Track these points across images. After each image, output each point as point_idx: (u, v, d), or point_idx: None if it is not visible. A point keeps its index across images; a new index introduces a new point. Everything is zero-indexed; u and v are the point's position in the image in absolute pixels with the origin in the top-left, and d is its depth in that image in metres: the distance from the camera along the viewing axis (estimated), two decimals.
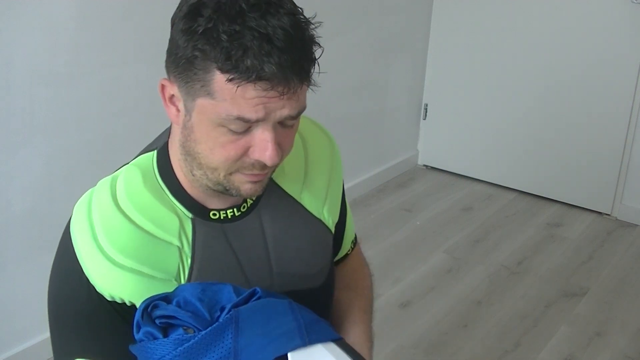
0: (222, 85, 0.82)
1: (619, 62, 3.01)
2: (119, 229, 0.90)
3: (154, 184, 0.95)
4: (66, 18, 1.92)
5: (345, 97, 3.06)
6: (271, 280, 1.02)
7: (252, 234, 1.01)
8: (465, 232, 3.03)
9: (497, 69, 3.35)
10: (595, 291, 2.61)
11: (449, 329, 2.37)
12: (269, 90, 0.81)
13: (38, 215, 1.99)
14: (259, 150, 0.86)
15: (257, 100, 0.82)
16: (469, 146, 3.55)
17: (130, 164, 0.98)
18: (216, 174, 0.90)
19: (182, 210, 0.95)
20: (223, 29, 0.80)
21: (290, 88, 0.82)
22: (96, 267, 0.90)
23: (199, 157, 0.89)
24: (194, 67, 0.83)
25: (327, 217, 1.08)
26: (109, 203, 0.92)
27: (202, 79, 0.83)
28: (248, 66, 0.79)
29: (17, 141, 1.89)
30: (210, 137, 0.86)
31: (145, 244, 0.91)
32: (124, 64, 2.09)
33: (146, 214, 0.92)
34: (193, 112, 0.86)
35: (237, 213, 0.99)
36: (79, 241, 0.91)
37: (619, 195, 3.16)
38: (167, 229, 0.93)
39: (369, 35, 3.11)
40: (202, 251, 0.95)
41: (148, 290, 0.90)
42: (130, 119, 2.15)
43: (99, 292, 0.90)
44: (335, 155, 1.12)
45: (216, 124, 0.85)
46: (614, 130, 3.09)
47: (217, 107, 0.83)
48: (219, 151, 0.87)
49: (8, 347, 2.02)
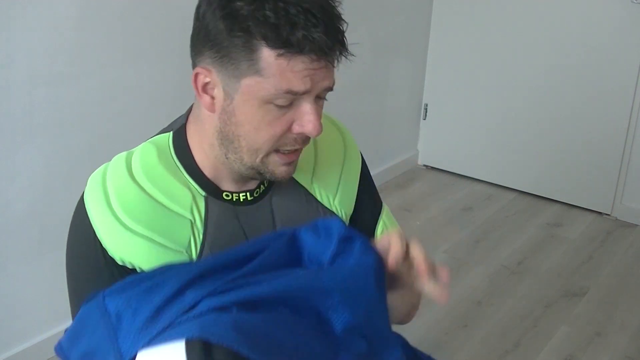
0: (270, 61, 0.86)
1: (619, 62, 3.01)
2: (133, 197, 0.94)
3: (169, 160, 0.99)
4: (66, 18, 1.92)
5: (345, 97, 3.06)
6: None
7: (263, 219, 1.03)
8: (465, 232, 3.03)
9: (497, 69, 3.35)
10: (595, 291, 2.61)
11: (449, 329, 2.37)
12: (315, 62, 0.87)
13: (38, 215, 1.99)
14: (305, 123, 0.91)
15: (305, 72, 0.87)
16: (469, 146, 3.55)
17: (146, 142, 1.02)
18: (254, 157, 0.94)
19: (195, 187, 0.98)
20: (268, 7, 0.85)
21: (334, 58, 0.89)
22: (109, 231, 0.93)
23: (240, 139, 0.93)
24: (239, 48, 0.87)
25: (339, 208, 1.10)
26: (123, 174, 0.96)
27: (249, 58, 0.87)
28: (299, 38, 0.85)
29: (17, 141, 1.89)
30: (255, 117, 0.90)
31: (157, 213, 0.94)
32: (124, 64, 2.09)
33: (159, 186, 0.95)
34: (236, 94, 0.90)
35: (249, 197, 1.02)
36: (93, 208, 0.94)
37: (619, 195, 3.16)
38: (179, 202, 0.96)
39: (369, 35, 3.11)
40: (214, 228, 0.98)
41: (159, 258, 0.93)
42: (130, 119, 2.15)
43: (111, 256, 0.93)
44: (349, 147, 1.14)
45: (264, 101, 0.89)
46: (614, 130, 3.09)
47: (266, 83, 0.88)
48: (265, 129, 0.91)
49: (8, 347, 2.02)
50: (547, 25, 3.16)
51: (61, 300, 1.11)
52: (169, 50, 2.18)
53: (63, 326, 2.08)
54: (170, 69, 2.19)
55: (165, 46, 2.18)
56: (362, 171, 1.15)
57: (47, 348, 2.09)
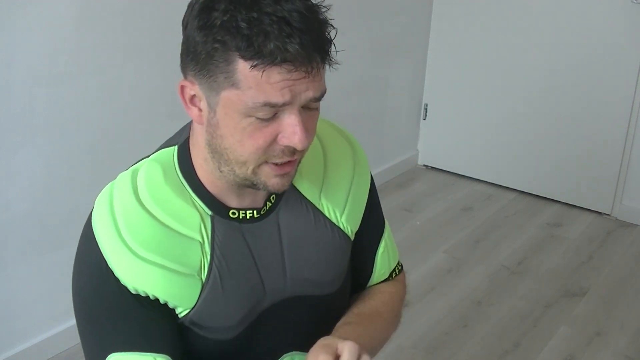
0: (246, 73, 0.83)
1: (619, 62, 3.01)
2: (142, 224, 0.92)
3: (175, 179, 0.96)
4: (66, 18, 1.92)
5: (345, 97, 3.06)
6: (284, 284, 1.03)
7: (269, 237, 1.01)
8: (465, 232, 3.03)
9: (497, 69, 3.35)
10: (595, 291, 2.61)
11: (449, 329, 2.36)
12: (292, 72, 0.83)
13: (38, 215, 1.99)
14: (289, 135, 0.87)
15: (282, 83, 0.83)
16: (469, 146, 3.55)
17: (150, 159, 0.99)
18: (244, 168, 0.90)
19: (201, 207, 0.96)
20: (241, 17, 0.82)
21: (313, 67, 0.84)
22: (120, 260, 0.91)
23: (227, 152, 0.90)
24: (215, 60, 0.84)
25: (346, 225, 1.07)
26: (130, 198, 0.93)
27: (225, 70, 0.84)
28: (271, 49, 0.81)
29: (17, 141, 1.89)
30: (237, 130, 0.87)
31: (167, 238, 0.92)
32: (124, 64, 2.09)
33: (167, 209, 0.93)
34: (217, 107, 0.87)
35: (256, 215, 0.99)
36: (102, 235, 0.92)
37: (618, 195, 3.16)
38: (188, 225, 0.94)
39: (369, 35, 3.11)
40: (220, 249, 0.96)
41: (171, 284, 0.92)
42: (130, 119, 2.15)
43: (124, 285, 0.91)
44: (359, 162, 1.11)
45: (243, 114, 0.86)
46: (614, 130, 3.09)
47: (243, 96, 0.84)
48: (248, 142, 0.88)
49: (8, 347, 2.02)
50: (547, 25, 3.16)
51: (61, 300, 1.11)
52: (169, 50, 2.17)
53: (63, 326, 2.09)
54: (170, 69, 2.17)
55: (165, 46, 2.17)
56: (370, 188, 1.13)
57: (47, 348, 2.09)
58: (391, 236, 1.19)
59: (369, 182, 1.13)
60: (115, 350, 0.91)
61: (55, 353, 2.10)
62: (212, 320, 0.97)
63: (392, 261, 1.18)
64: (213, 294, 0.96)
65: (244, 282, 0.98)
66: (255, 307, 1.00)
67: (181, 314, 0.95)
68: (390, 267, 1.17)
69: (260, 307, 1.01)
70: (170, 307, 0.94)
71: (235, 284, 0.97)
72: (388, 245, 1.16)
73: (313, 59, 0.83)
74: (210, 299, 0.96)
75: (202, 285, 0.95)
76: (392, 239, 1.19)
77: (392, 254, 1.18)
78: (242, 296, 0.98)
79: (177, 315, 0.96)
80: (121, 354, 0.91)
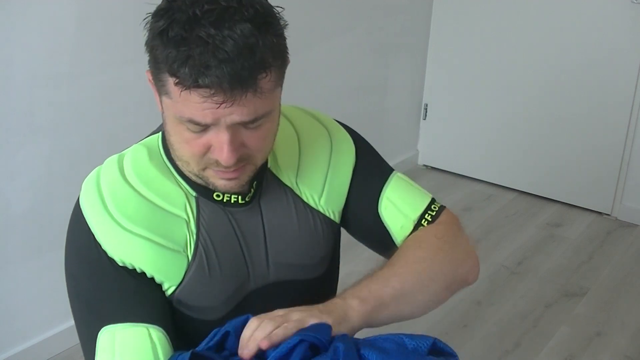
0: (173, 87, 0.84)
1: (619, 62, 3.01)
2: (127, 199, 0.93)
3: (160, 161, 0.99)
4: (66, 18, 1.92)
5: (345, 97, 3.06)
6: (267, 269, 1.04)
7: (254, 222, 1.02)
8: (465, 232, 3.02)
9: (497, 69, 3.35)
10: (595, 291, 2.61)
11: (449, 329, 2.36)
12: (212, 96, 0.81)
13: (38, 215, 1.99)
14: (216, 152, 0.88)
15: (203, 105, 0.82)
16: (469, 146, 3.55)
17: (137, 144, 1.02)
18: (190, 167, 0.92)
19: (186, 188, 0.98)
20: (172, 34, 0.82)
21: (230, 97, 0.81)
22: (107, 233, 0.92)
23: (173, 148, 0.92)
24: (154, 64, 0.86)
25: (326, 207, 1.08)
26: (117, 177, 0.95)
27: (161, 78, 0.85)
28: (187, 73, 0.81)
29: (17, 141, 1.89)
30: (176, 132, 0.89)
31: (153, 214, 0.94)
32: (124, 64, 2.09)
33: (153, 187, 0.95)
34: (163, 106, 0.89)
35: (241, 200, 1.01)
36: (89, 211, 0.93)
37: (618, 195, 3.17)
38: (173, 203, 0.96)
39: (369, 35, 3.11)
40: (206, 228, 0.98)
41: (158, 258, 0.93)
42: (130, 119, 2.15)
43: (111, 257, 0.92)
44: (337, 141, 1.09)
45: (178, 120, 0.87)
46: (614, 130, 3.09)
47: (174, 106, 0.86)
48: (185, 146, 0.90)
49: (8, 347, 2.02)
50: (547, 25, 3.16)
51: (61, 300, 1.11)
52: None
53: (63, 326, 2.09)
54: None
55: None
56: (356, 162, 1.10)
57: (47, 348, 2.09)
58: (401, 185, 1.11)
59: (353, 157, 1.10)
60: (107, 323, 0.91)
61: (55, 353, 2.10)
62: (198, 299, 0.98)
63: (408, 209, 1.09)
64: (199, 272, 0.97)
65: (229, 262, 1.00)
66: (239, 288, 1.02)
67: (168, 292, 0.97)
68: (409, 216, 1.08)
69: (245, 289, 1.03)
70: (157, 283, 0.95)
71: (220, 264, 0.99)
72: (393, 197, 1.08)
73: (228, 91, 0.81)
74: (196, 277, 0.97)
75: (188, 262, 0.96)
76: (405, 188, 1.11)
77: (405, 203, 1.09)
78: (227, 276, 1.00)
79: (165, 293, 0.97)
80: (114, 325, 0.91)
